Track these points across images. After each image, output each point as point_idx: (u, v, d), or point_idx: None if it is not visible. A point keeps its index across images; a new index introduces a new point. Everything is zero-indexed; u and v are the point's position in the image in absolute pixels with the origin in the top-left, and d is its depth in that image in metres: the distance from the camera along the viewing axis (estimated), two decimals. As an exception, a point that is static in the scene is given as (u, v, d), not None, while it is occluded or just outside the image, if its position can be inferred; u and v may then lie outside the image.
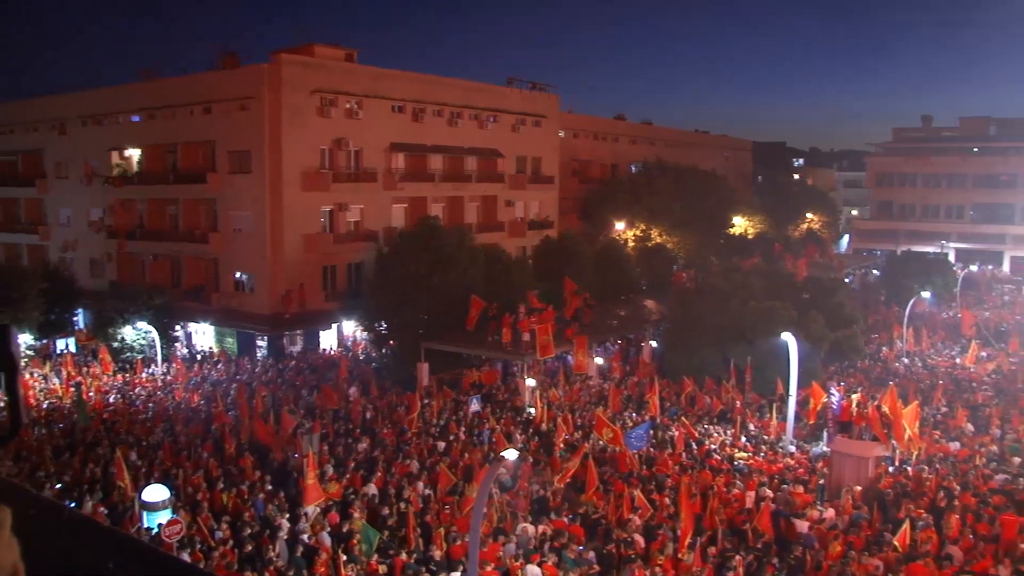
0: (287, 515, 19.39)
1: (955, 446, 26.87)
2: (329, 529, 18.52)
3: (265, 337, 42.62)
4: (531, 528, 18.59)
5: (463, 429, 27.22)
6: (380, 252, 38.83)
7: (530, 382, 32.08)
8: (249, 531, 18.10)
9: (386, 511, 19.83)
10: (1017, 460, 25.39)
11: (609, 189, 62.91)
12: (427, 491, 21.33)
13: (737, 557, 17.11)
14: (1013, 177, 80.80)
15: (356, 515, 18.98)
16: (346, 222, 45.10)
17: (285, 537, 18.05)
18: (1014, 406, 32.06)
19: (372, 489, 21.34)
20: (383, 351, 38.87)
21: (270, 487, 21.32)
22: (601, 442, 25.00)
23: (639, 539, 18.34)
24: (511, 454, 13.84)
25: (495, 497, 19.58)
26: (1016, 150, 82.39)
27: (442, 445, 25.52)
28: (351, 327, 44.51)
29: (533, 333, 32.65)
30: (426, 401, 30.48)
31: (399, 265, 36.63)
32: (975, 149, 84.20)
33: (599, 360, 37.51)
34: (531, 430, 27.55)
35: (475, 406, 29.57)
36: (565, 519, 19.62)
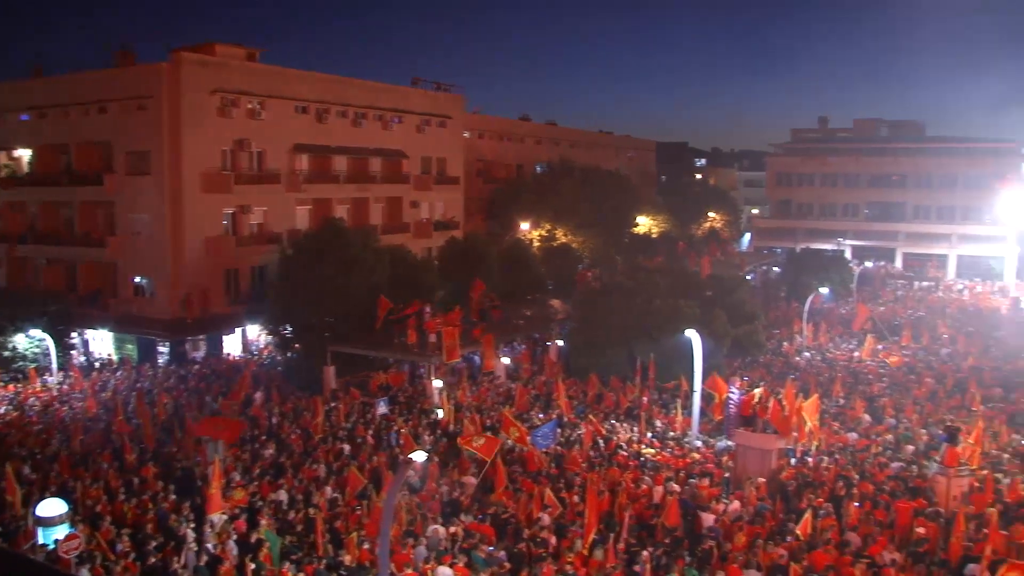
0: (192, 525, 18.99)
1: (853, 436, 27.79)
2: (236, 537, 18.22)
3: (167, 343, 41.68)
4: (442, 530, 18.59)
5: (371, 432, 27.04)
6: (284, 254, 38.31)
7: (437, 383, 32.04)
8: (153, 543, 17.67)
9: (294, 517, 19.61)
10: (910, 448, 26.39)
11: (514, 189, 63.19)
12: (336, 495, 21.14)
13: (645, 552, 17.38)
14: (903, 177, 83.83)
15: (264, 522, 18.72)
16: (249, 224, 44.39)
17: (192, 547, 17.68)
18: (907, 396, 33.28)
19: (281, 495, 21.07)
20: (288, 355, 38.35)
21: (174, 496, 20.86)
22: (509, 441, 25.12)
23: (550, 537, 18.49)
24: (419, 456, 13.83)
25: (405, 499, 19.52)
26: (906, 151, 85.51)
27: (349, 448, 25.32)
28: (255, 331, 43.83)
29: (439, 334, 32.63)
30: (333, 404, 30.21)
31: (304, 268, 36.22)
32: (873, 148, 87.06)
33: (506, 360, 37.66)
34: (439, 431, 27.53)
35: (383, 408, 29.41)
36: (476, 519, 19.68)
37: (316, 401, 29.02)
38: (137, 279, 43.27)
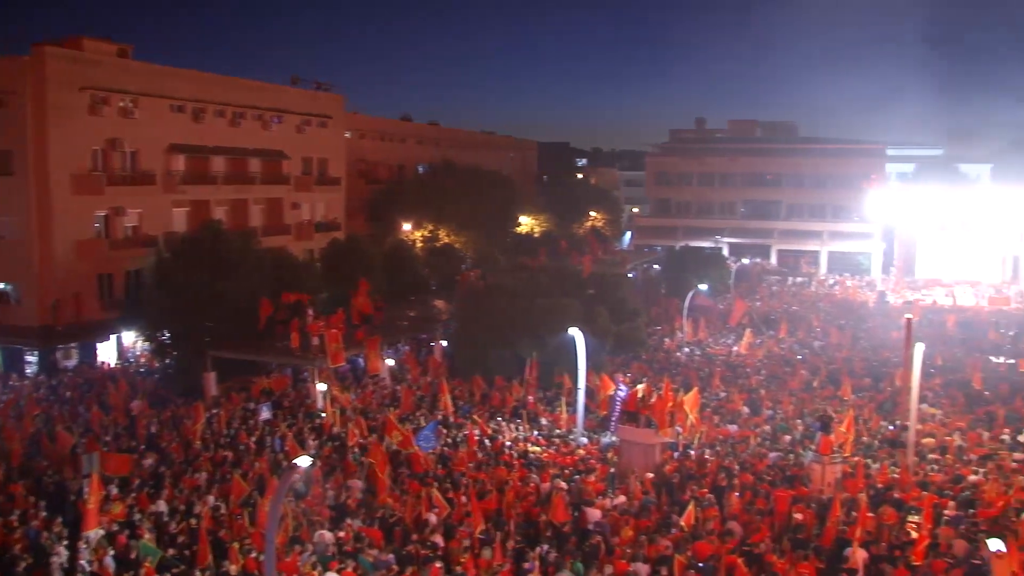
0: (65, 542, 18.25)
1: (733, 428, 28.59)
2: (114, 553, 17.61)
3: (35, 352, 39.98)
4: (328, 535, 18.35)
5: (253, 438, 26.52)
6: (161, 258, 37.19)
7: (321, 386, 31.62)
8: (24, 564, 16.89)
9: (175, 528, 19.08)
10: (787, 438, 27.30)
11: (396, 190, 62.82)
12: (219, 504, 20.65)
13: (533, 550, 17.51)
14: (777, 176, 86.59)
15: (145, 536, 18.15)
16: (123, 227, 42.91)
17: (64, 565, 16.99)
18: (783, 388, 34.39)
19: (160, 506, 20.45)
20: (167, 361, 37.24)
21: (45, 513, 19.98)
22: (394, 445, 24.99)
23: (438, 538, 18.45)
24: (304, 461, 13.61)
25: (290, 505, 19.20)
26: (779, 151, 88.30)
27: (232, 456, 24.77)
28: (131, 338, 42.41)
29: (323, 337, 32.20)
30: (214, 411, 29.50)
31: (181, 271, 35.23)
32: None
33: (390, 361, 37.42)
34: (324, 435, 27.18)
35: (265, 414, 28.88)
36: (363, 523, 19.50)
37: (197, 408, 28.28)
38: (1, 285, 41.38)
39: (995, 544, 12.92)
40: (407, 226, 59.46)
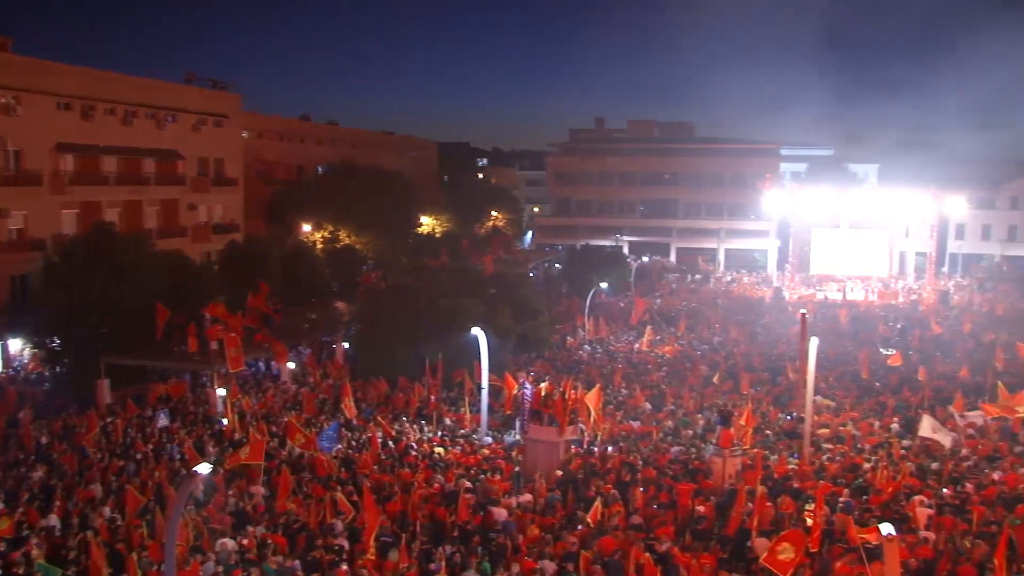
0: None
1: (636, 425, 28.94)
2: (1, 572, 16.89)
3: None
4: (231, 543, 17.94)
5: (150, 446, 25.79)
6: (49, 262, 35.89)
7: (221, 392, 30.97)
8: None
9: (69, 543, 18.41)
10: (689, 433, 27.75)
11: (295, 191, 61.98)
12: (115, 516, 20.01)
13: (439, 550, 17.43)
14: (676, 176, 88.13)
15: (34, 552, 17.47)
16: (7, 230, 41.24)
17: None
18: (684, 384, 34.97)
19: (52, 520, 19.69)
20: (57, 369, 35.98)
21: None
22: (296, 449, 24.62)
23: (344, 543, 18.23)
24: (204, 468, 13.27)
25: (190, 514, 18.71)
26: (678, 151, 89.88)
27: (129, 465, 24.03)
28: (18, 345, 40.84)
29: (221, 341, 31.52)
30: (109, 420, 28.60)
31: (72, 275, 34.05)
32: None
33: (291, 365, 36.88)
34: (225, 441, 26.61)
35: (163, 421, 28.09)
36: (266, 529, 19.13)
37: (90, 417, 27.37)
38: None
39: (886, 528, 13.33)
40: (307, 227, 58.71)
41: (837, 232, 71.97)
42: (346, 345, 39.89)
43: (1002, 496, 21.30)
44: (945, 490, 21.76)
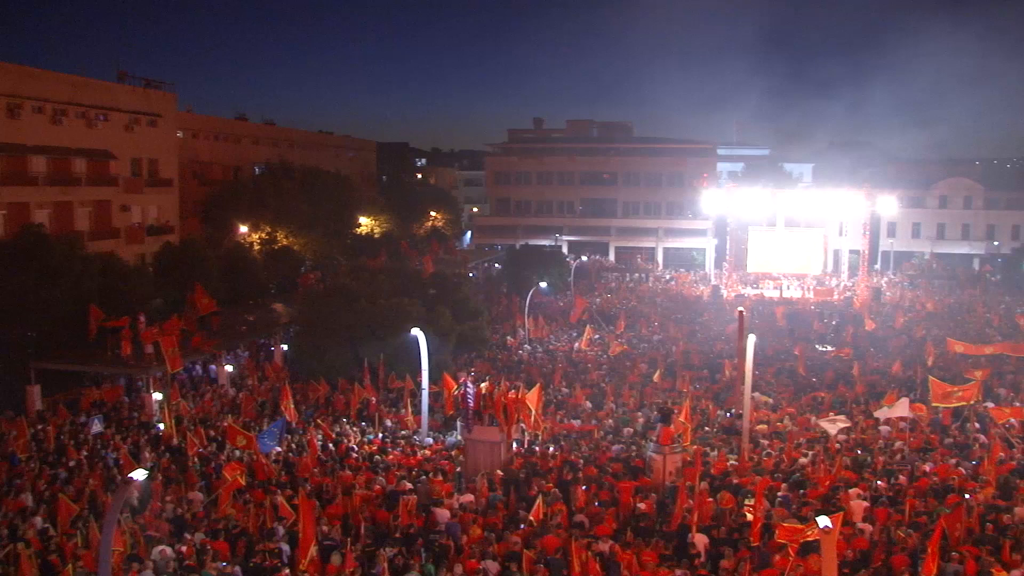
0: None
1: (576, 423, 29.08)
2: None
3: None
4: (169, 550, 17.63)
5: (84, 453, 25.24)
6: (-25, 265, 34.95)
7: (157, 396, 30.45)
8: None
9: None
10: (629, 431, 27.94)
11: (232, 192, 61.10)
12: (47, 526, 19.52)
13: (381, 552, 17.31)
14: (614, 175, 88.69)
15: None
16: (-69, 233, 40.18)
17: None
18: (624, 382, 35.20)
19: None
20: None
21: None
22: (236, 452, 24.30)
23: (285, 547, 18.02)
24: (140, 474, 13.04)
25: (126, 522, 18.34)
26: (616, 151, 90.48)
27: (61, 473, 23.49)
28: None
29: (157, 345, 30.99)
30: (40, 427, 27.94)
31: (0, 279, 33.25)
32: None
33: (229, 367, 36.42)
34: (161, 447, 26.16)
35: (97, 427, 27.53)
36: (205, 535, 18.83)
37: (20, 423, 26.71)
38: None
39: (823, 521, 13.54)
40: (244, 228, 57.95)
41: (773, 230, 72.99)
42: (285, 347, 39.50)
43: (933, 487, 21.79)
44: (879, 482, 22.20)
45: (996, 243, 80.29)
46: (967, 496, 20.71)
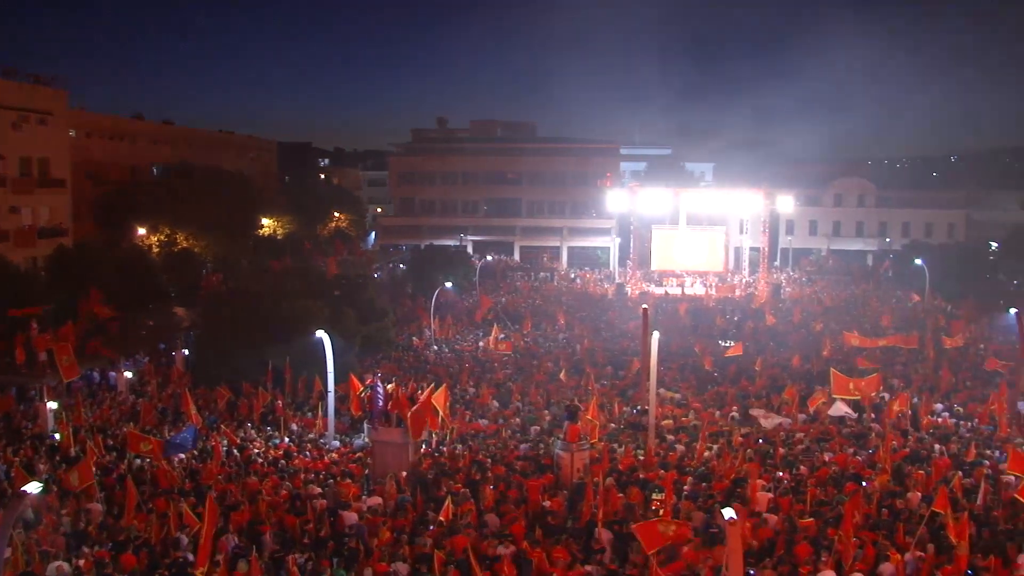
0: None
1: (484, 423, 29.09)
2: None
3: None
4: (66, 565, 17.03)
5: (-27, 466, 24.24)
6: None
7: (52, 405, 29.41)
8: None
9: None
10: (536, 429, 28.06)
11: (129, 193, 59.48)
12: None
13: (289, 558, 17.05)
14: (519, 175, 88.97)
15: None
16: None
17: None
18: (530, 381, 35.33)
19: None
20: None
21: None
22: (138, 460, 23.64)
23: (189, 556, 17.59)
24: (34, 487, 12.55)
25: (20, 537, 17.66)
26: (520, 151, 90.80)
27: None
28: None
29: (51, 352, 29.92)
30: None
31: None
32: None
33: (128, 374, 35.41)
34: (57, 458, 25.27)
35: (-13, 438, 26.49)
36: (106, 548, 18.25)
37: None
38: None
39: (728, 513, 13.78)
40: (142, 230, 56.50)
41: (676, 229, 74.11)
42: (186, 352, 38.59)
43: (833, 476, 22.43)
44: (781, 473, 22.73)
45: (888, 240, 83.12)
46: (864, 484, 21.40)
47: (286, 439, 27.53)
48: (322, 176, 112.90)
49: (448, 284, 52.13)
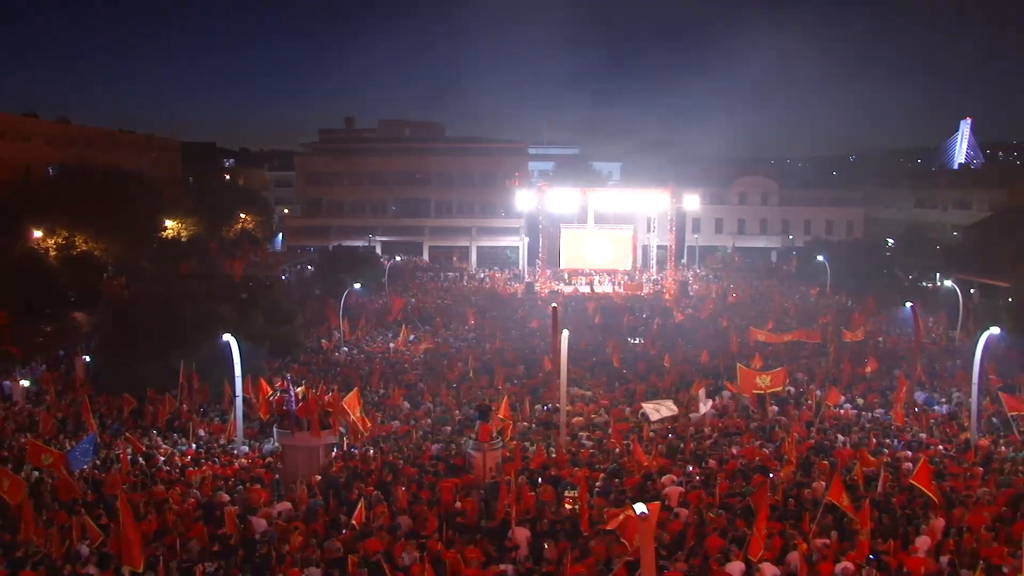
0: None
1: (395, 424, 28.91)
2: None
3: None
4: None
5: None
6: None
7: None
8: None
9: None
10: (448, 429, 28.01)
11: (22, 194, 57.54)
12: None
13: (199, 567, 16.69)
14: (427, 175, 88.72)
15: None
16: None
17: None
18: (441, 381, 35.25)
19: None
20: None
21: None
22: (36, 472, 22.86)
23: (92, 570, 17.07)
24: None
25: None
26: (428, 151, 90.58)
27: None
28: None
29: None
30: None
31: None
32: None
33: (25, 382, 34.22)
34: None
35: None
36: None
37: None
38: None
39: (640, 507, 13.92)
40: (38, 233, 54.70)
41: (584, 228, 74.75)
42: (87, 358, 37.48)
43: (741, 469, 22.87)
44: (691, 468, 23.09)
45: (791, 237, 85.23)
46: (771, 475, 21.88)
47: (193, 445, 26.95)
48: (227, 177, 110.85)
49: (357, 285, 51.73)
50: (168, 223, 70.34)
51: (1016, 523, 18.62)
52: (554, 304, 36.14)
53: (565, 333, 27.04)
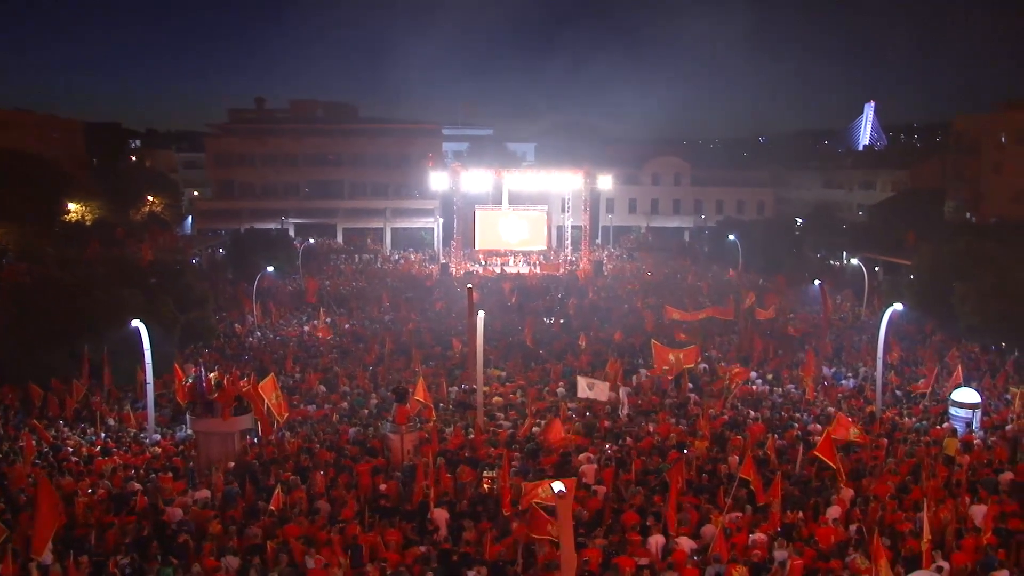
0: None
1: (312, 408, 28.70)
2: None
3: None
4: None
5: None
6: None
7: None
8: None
9: None
10: (365, 412, 27.91)
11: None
12: None
13: (111, 560, 16.35)
14: (339, 156, 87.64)
15: None
16: None
17: None
18: (357, 364, 35.06)
19: None
20: None
21: None
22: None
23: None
24: None
25: None
26: (341, 132, 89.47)
27: None
28: None
29: None
30: None
31: None
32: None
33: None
34: None
35: None
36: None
37: None
38: None
39: (558, 486, 14.06)
40: (-70, 219, 52.66)
41: (499, 209, 74.83)
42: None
43: (656, 446, 23.25)
44: (608, 446, 23.37)
45: (703, 217, 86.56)
46: (685, 451, 22.29)
47: (103, 435, 26.34)
48: (134, 158, 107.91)
49: (270, 269, 51.03)
50: (72, 206, 68.14)
51: (916, 489, 19.36)
52: (469, 285, 36.19)
53: (481, 314, 27.10)
